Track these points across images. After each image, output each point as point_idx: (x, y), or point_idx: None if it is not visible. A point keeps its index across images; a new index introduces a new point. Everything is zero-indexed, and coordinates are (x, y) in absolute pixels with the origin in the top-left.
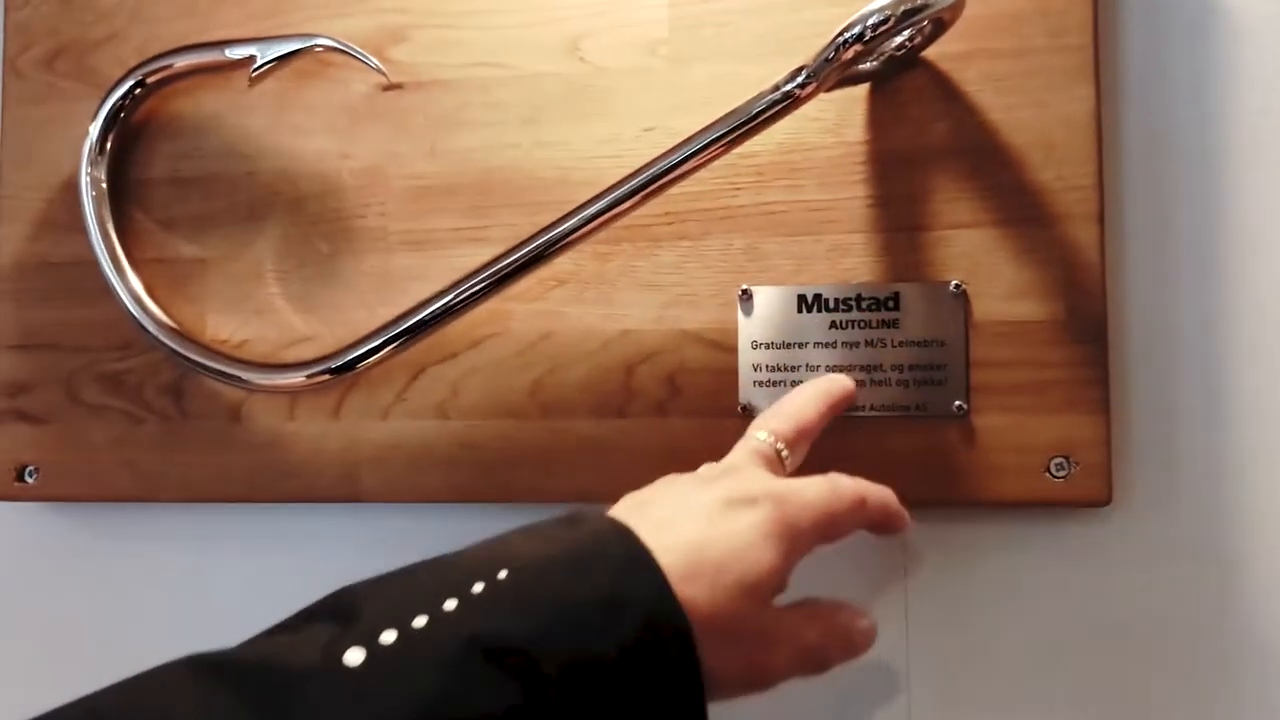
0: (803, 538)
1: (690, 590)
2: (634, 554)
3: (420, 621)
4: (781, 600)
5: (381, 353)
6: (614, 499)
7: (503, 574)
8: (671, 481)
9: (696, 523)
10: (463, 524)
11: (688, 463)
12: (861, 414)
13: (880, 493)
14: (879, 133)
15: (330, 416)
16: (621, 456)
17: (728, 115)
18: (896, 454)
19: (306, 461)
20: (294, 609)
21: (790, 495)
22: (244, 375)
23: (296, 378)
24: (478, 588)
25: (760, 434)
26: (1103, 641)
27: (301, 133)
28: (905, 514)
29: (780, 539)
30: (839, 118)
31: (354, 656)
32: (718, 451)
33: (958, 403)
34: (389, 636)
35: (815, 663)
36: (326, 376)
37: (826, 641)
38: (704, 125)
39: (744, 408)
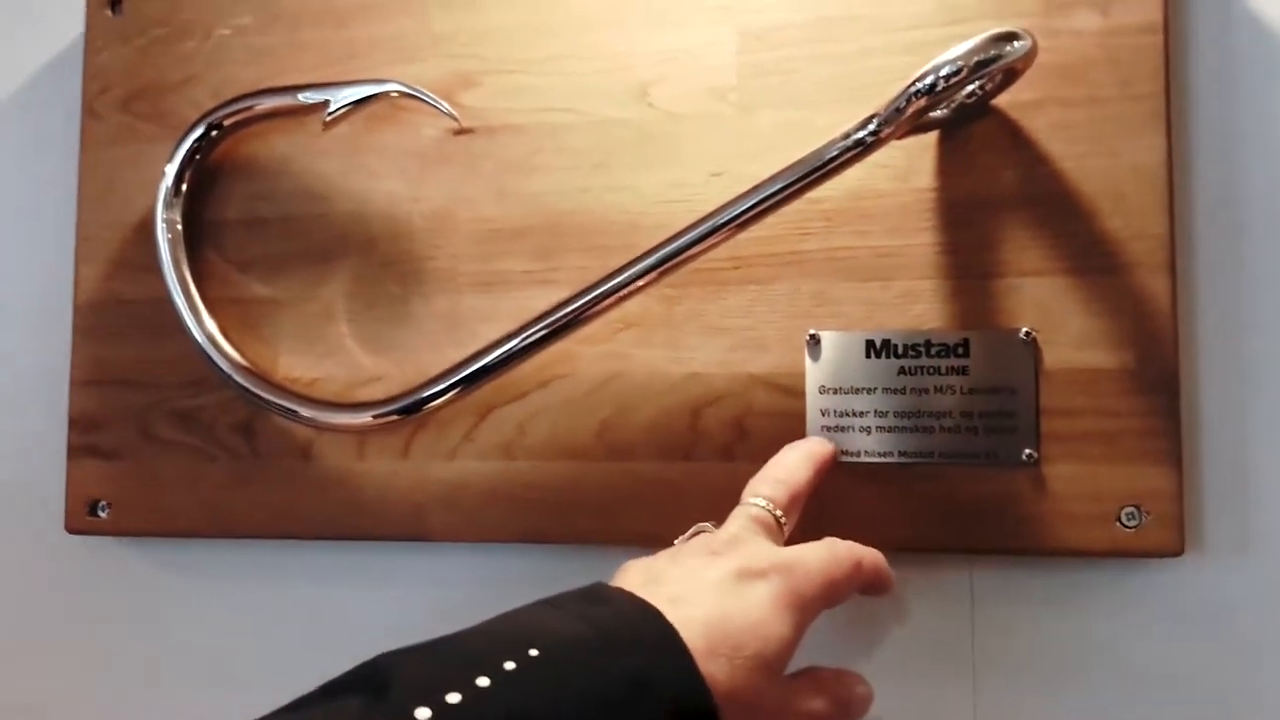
0: (810, 606)
1: (712, 667)
2: (661, 633)
3: (454, 699)
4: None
5: (448, 395)
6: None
7: (533, 652)
8: (678, 554)
9: (712, 598)
10: (528, 564)
11: None
12: (930, 461)
13: (874, 556)
14: (948, 179)
15: (399, 456)
16: (687, 500)
17: (799, 162)
18: (965, 502)
19: (375, 500)
20: (361, 645)
21: (795, 565)
22: (313, 414)
23: (364, 417)
24: (509, 665)
25: (757, 500)
26: (1174, 694)
27: (373, 176)
28: (892, 576)
29: (791, 610)
30: (908, 164)
31: None
32: None
33: (1027, 451)
34: (423, 714)
35: None
36: (394, 417)
37: (830, 709)
38: (771, 171)
39: None
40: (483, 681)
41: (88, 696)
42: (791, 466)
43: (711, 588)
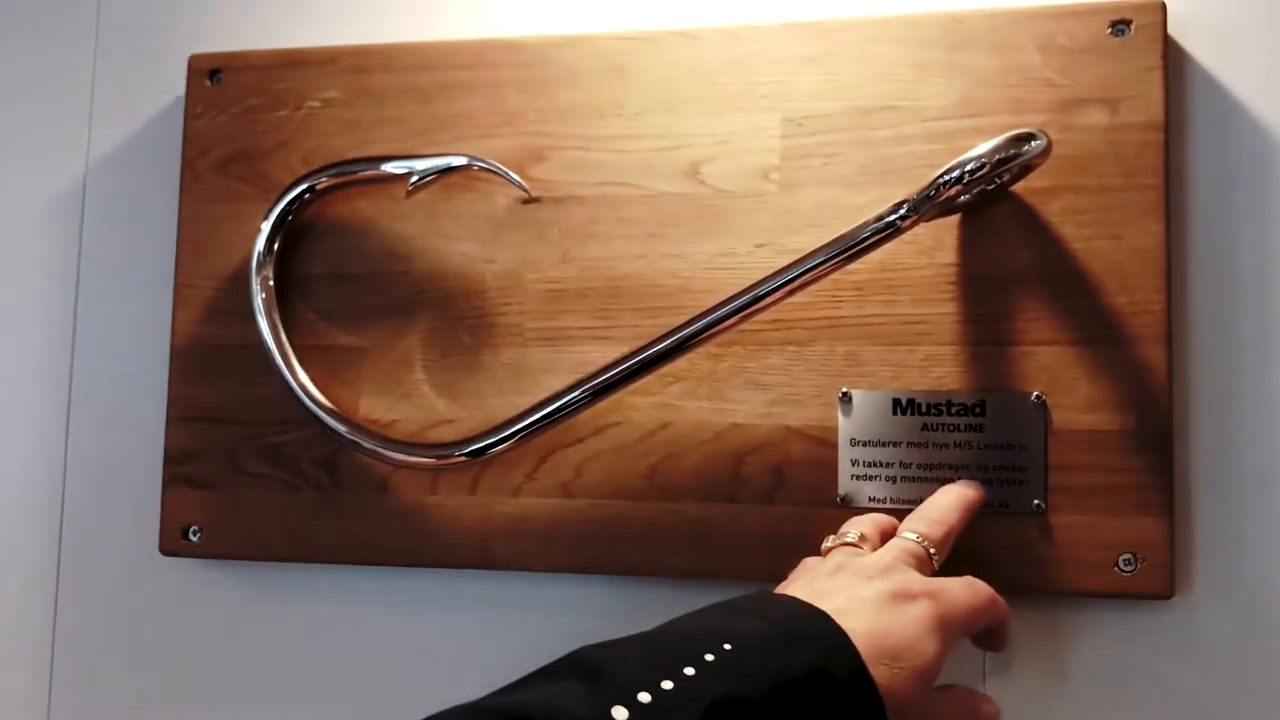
0: (955, 631)
1: (875, 671)
2: (834, 635)
3: (668, 685)
4: None
5: (512, 441)
6: (722, 576)
7: (727, 645)
8: (836, 574)
9: (872, 613)
10: (584, 592)
11: (790, 546)
12: None
13: (1003, 601)
14: (969, 256)
15: (468, 492)
16: (729, 539)
17: (836, 240)
18: (982, 546)
19: (446, 531)
20: (432, 666)
21: (942, 593)
22: (390, 453)
23: (433, 458)
24: (709, 657)
25: (911, 535)
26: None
27: (449, 238)
28: (1009, 634)
29: (940, 631)
30: (933, 241)
31: (620, 713)
32: (817, 537)
33: (1036, 501)
34: (645, 697)
35: None
36: (462, 459)
37: None
38: (810, 245)
39: (843, 498)
40: (689, 670)
41: (177, 709)
42: (946, 507)
43: (871, 605)
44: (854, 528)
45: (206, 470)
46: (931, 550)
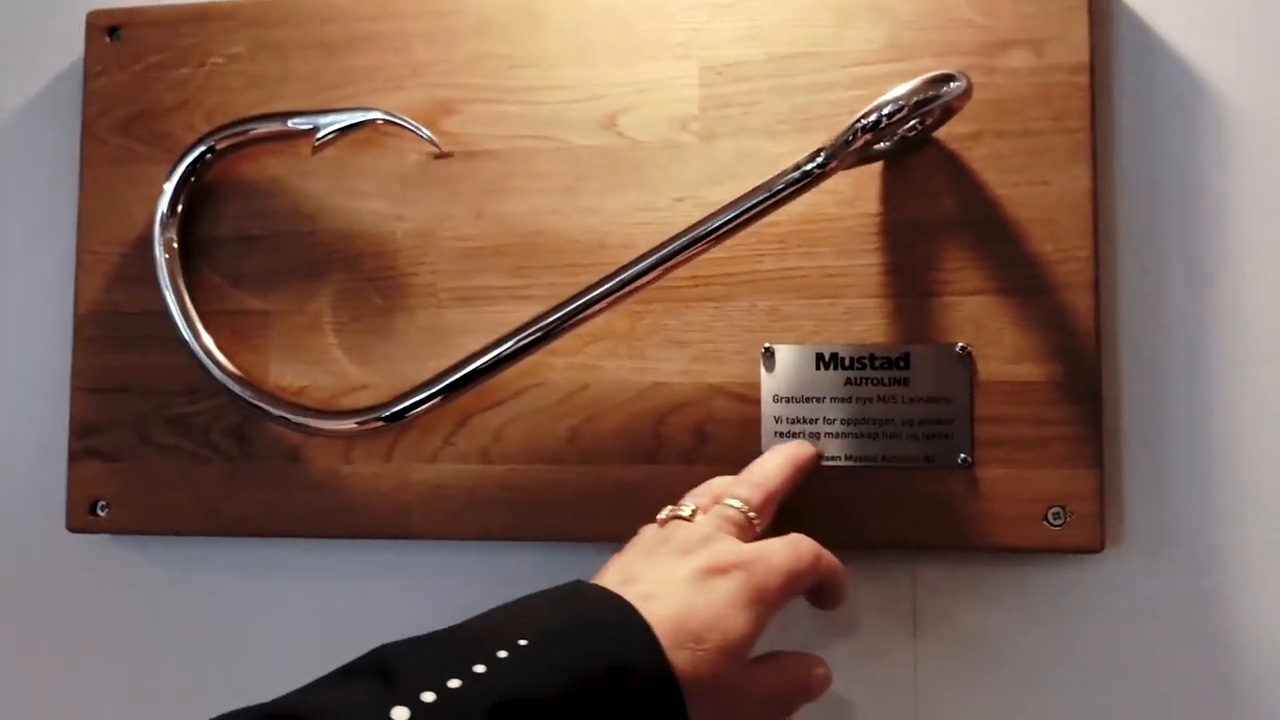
0: (773, 598)
1: (677, 656)
2: (634, 624)
3: (455, 684)
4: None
5: (429, 404)
6: None
7: (523, 641)
8: (653, 553)
9: (679, 595)
10: (506, 560)
11: None
12: (873, 465)
13: (831, 556)
14: (892, 205)
15: (383, 460)
16: (652, 500)
17: (753, 190)
18: (907, 502)
19: (360, 501)
20: (348, 639)
21: (757, 561)
22: (302, 420)
23: (350, 424)
24: (501, 654)
25: (732, 502)
26: (1094, 678)
27: (358, 196)
28: (846, 585)
29: (752, 605)
30: (855, 191)
31: (400, 714)
32: None
33: (962, 455)
34: (429, 697)
35: (781, 711)
36: (378, 424)
37: (792, 689)
38: (731, 197)
39: None
40: (479, 668)
41: (86, 686)
42: (770, 469)
43: (680, 585)
44: (692, 499)
45: (114, 442)
46: (752, 515)
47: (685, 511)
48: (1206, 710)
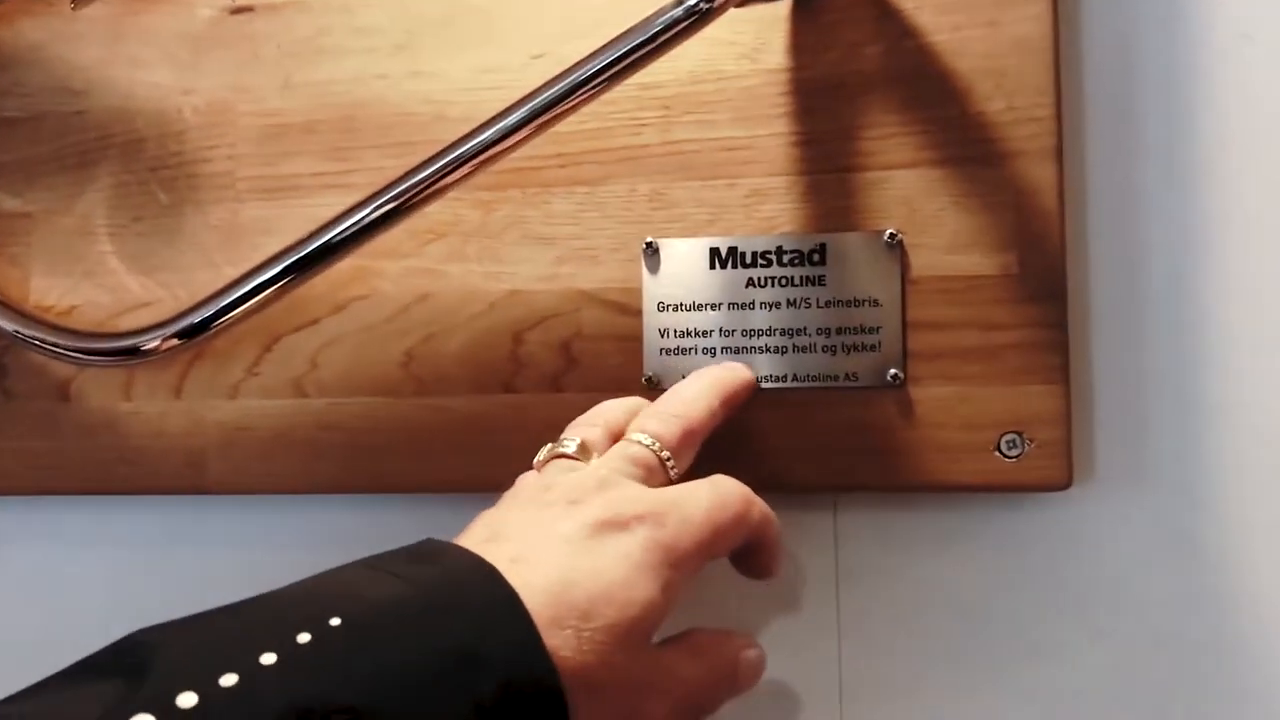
0: (686, 561)
1: (557, 639)
2: (497, 598)
3: (229, 680)
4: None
5: (225, 318)
6: (501, 487)
7: (335, 621)
8: (533, 499)
9: (561, 557)
10: (325, 518)
11: None
12: (783, 385)
13: (765, 506)
14: (803, 59)
15: (171, 395)
16: (509, 438)
17: (623, 35)
18: (823, 431)
19: (145, 447)
20: (141, 615)
21: (669, 511)
22: (71, 346)
23: (126, 351)
24: (303, 638)
25: (640, 438)
26: (1060, 638)
27: (138, 65)
28: (778, 553)
29: (658, 568)
30: (757, 41)
31: None
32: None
33: (892, 371)
34: (187, 700)
35: (700, 706)
36: (166, 344)
37: (712, 679)
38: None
39: (649, 379)
40: (267, 659)
41: None
42: (690, 397)
43: (563, 543)
44: (577, 432)
45: None
46: (665, 455)
47: (569, 447)
48: (1189, 675)
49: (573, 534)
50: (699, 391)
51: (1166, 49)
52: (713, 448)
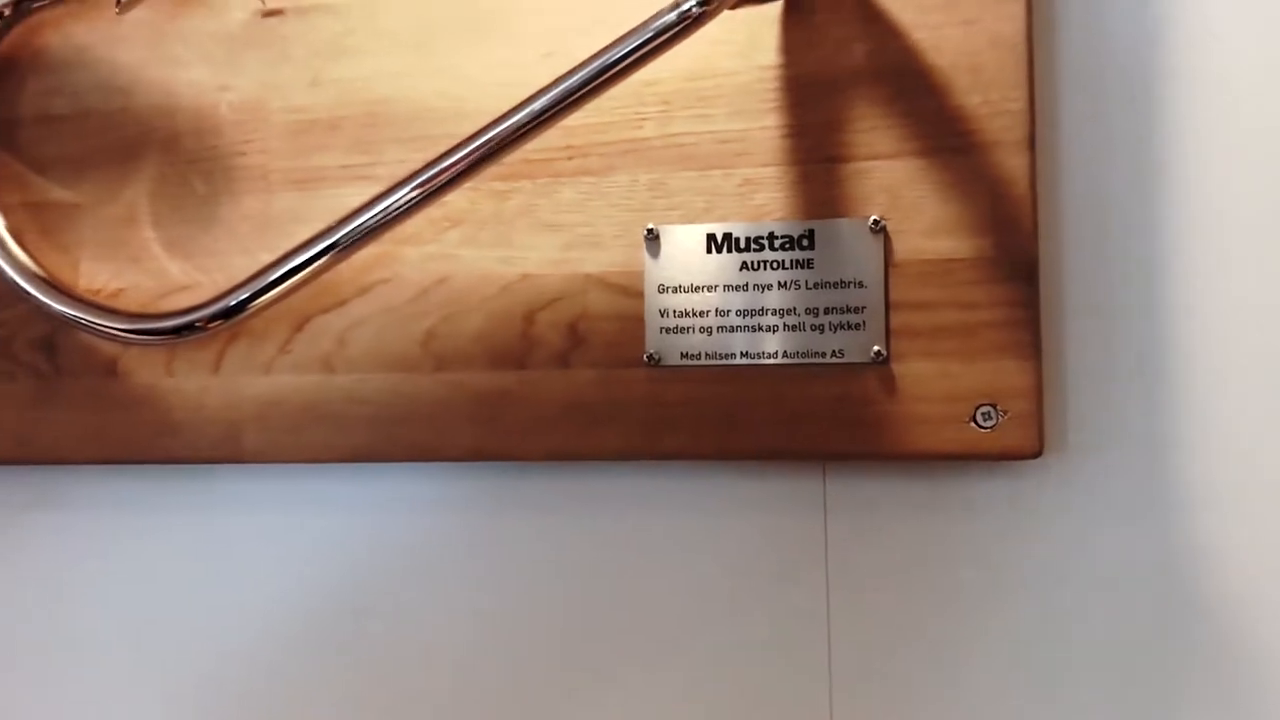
0: None
1: None
2: None
3: None
4: None
5: (259, 300)
6: (517, 456)
7: None
8: None
9: None
10: (354, 486)
11: (593, 417)
12: (774, 361)
13: None
14: (793, 56)
15: (210, 371)
16: (521, 411)
17: (623, 37)
18: (811, 404)
19: (185, 420)
20: (180, 577)
21: None
22: (116, 327)
23: (169, 331)
24: None
25: None
26: (1033, 602)
27: (177, 64)
28: None
29: None
30: (750, 40)
31: None
32: (623, 403)
33: (876, 348)
34: None
35: None
36: (204, 326)
37: None
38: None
39: (650, 357)
40: None
41: None
42: None
43: None
44: None
45: None
46: None
47: None
48: (1157, 639)
49: None
50: None
51: (1137, 45)
52: (707, 419)
